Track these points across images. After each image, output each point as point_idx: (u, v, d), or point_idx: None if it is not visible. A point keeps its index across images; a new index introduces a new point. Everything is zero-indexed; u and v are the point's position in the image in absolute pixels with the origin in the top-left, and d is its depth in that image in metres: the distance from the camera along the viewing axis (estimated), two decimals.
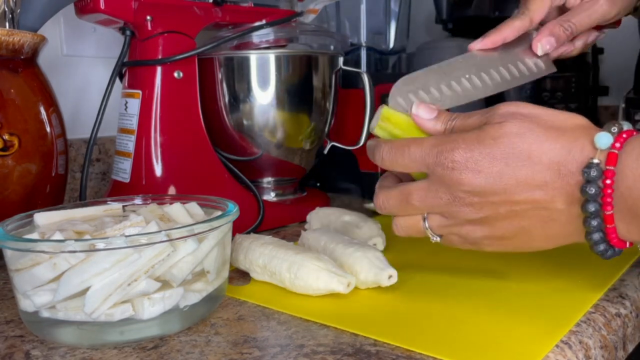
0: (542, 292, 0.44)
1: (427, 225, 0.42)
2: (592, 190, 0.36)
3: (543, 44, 0.51)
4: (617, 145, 0.36)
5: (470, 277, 0.48)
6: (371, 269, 0.45)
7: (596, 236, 0.37)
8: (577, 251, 0.53)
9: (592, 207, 0.36)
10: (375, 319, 0.41)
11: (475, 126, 0.40)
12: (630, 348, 0.43)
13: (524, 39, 0.52)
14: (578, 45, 0.57)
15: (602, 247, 0.38)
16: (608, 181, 0.35)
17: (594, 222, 0.37)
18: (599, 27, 0.56)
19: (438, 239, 0.43)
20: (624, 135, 0.36)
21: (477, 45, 0.51)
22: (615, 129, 0.36)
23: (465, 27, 1.16)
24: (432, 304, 0.43)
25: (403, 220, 0.43)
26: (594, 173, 0.35)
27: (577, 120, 0.39)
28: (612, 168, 0.35)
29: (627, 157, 0.36)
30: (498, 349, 0.35)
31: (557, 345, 0.36)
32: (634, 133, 0.37)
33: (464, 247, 0.42)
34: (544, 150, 0.37)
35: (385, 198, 0.43)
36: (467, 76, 0.48)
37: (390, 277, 0.45)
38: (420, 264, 0.52)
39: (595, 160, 0.36)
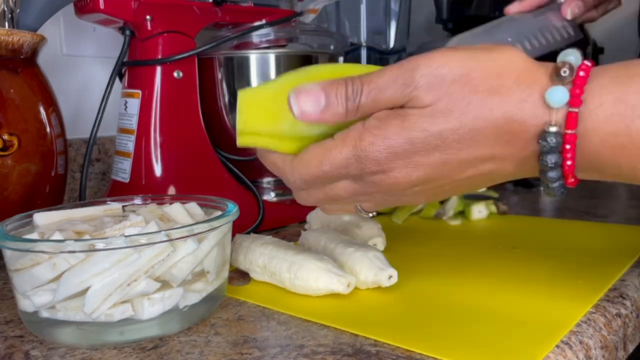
0: (542, 292, 0.44)
1: (359, 208, 0.39)
2: (551, 160, 0.31)
3: (572, 8, 0.53)
4: (575, 98, 0.30)
5: (470, 277, 0.48)
6: (371, 269, 0.45)
7: (553, 177, 0.33)
8: (577, 251, 0.53)
9: (552, 173, 0.32)
10: (375, 319, 0.41)
11: (394, 104, 0.33)
12: (631, 348, 0.43)
13: (553, 6, 0.55)
14: (599, 11, 0.59)
15: (556, 184, 0.33)
16: (568, 146, 0.31)
17: (552, 174, 0.32)
18: None
19: (371, 215, 0.40)
20: (581, 74, 0.31)
21: (514, 7, 0.52)
22: (566, 72, 0.30)
23: (465, 27, 1.15)
24: (432, 304, 0.43)
25: (332, 208, 0.40)
26: (552, 142, 0.31)
27: (514, 64, 0.32)
28: (572, 132, 0.30)
29: (590, 115, 0.30)
30: (498, 349, 0.35)
31: (557, 346, 0.36)
32: (590, 68, 0.31)
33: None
34: (487, 123, 0.32)
35: (307, 197, 0.39)
36: (509, 39, 0.48)
37: (390, 277, 0.45)
38: (421, 264, 0.52)
39: (552, 129, 0.31)
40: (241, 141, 0.38)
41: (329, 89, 0.34)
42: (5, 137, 0.53)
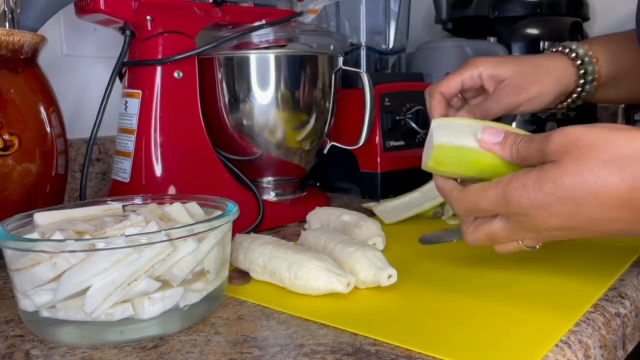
0: (542, 292, 0.44)
1: (523, 245, 0.44)
2: None
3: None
4: None
5: (470, 277, 0.48)
6: (371, 268, 0.45)
7: None
8: (577, 251, 0.53)
9: None
10: (375, 318, 0.41)
11: (535, 156, 0.40)
12: (630, 348, 0.43)
13: None
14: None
15: None
16: None
17: None
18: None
19: (537, 246, 0.44)
20: None
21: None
22: None
23: (465, 27, 1.16)
24: (432, 304, 0.43)
25: (501, 248, 0.45)
26: None
27: (635, 142, 0.37)
28: None
29: None
30: (498, 349, 0.35)
31: (556, 345, 0.36)
32: None
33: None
34: (608, 190, 0.36)
35: (473, 239, 0.44)
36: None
37: (390, 277, 0.45)
38: (420, 263, 0.52)
39: None
40: (428, 168, 0.47)
41: (510, 133, 0.43)
42: (6, 137, 0.53)
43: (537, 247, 0.44)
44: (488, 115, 0.58)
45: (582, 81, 0.60)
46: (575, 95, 0.62)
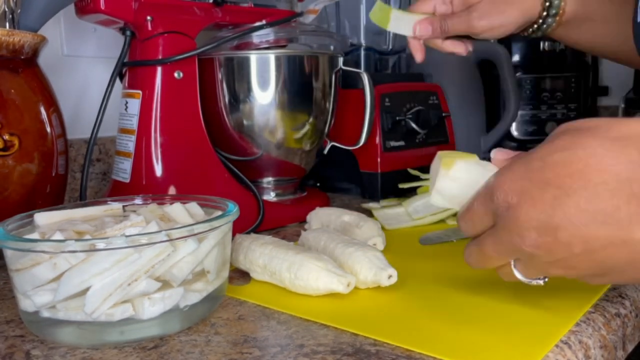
0: (542, 292, 0.44)
1: (516, 272, 0.37)
2: None
3: (420, 28, 0.63)
4: None
5: (470, 277, 0.48)
6: (371, 268, 0.45)
7: None
8: None
9: None
10: (375, 319, 0.41)
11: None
12: (630, 348, 0.43)
13: None
14: (468, 47, 0.67)
15: None
16: None
17: None
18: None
19: (541, 282, 0.37)
20: None
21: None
22: None
23: None
24: (432, 304, 0.43)
25: (500, 271, 0.38)
26: None
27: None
28: None
29: None
30: (498, 349, 0.35)
31: (556, 345, 0.36)
32: None
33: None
34: (605, 167, 0.30)
35: (468, 255, 0.39)
36: None
37: (390, 277, 0.45)
38: (420, 263, 0.52)
39: None
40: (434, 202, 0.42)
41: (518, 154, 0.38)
42: (6, 137, 0.53)
43: (543, 281, 0.37)
44: (448, 32, 0.61)
45: (545, 13, 0.61)
46: (535, 26, 0.62)
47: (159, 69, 0.61)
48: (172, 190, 0.61)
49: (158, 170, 0.60)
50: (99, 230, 0.41)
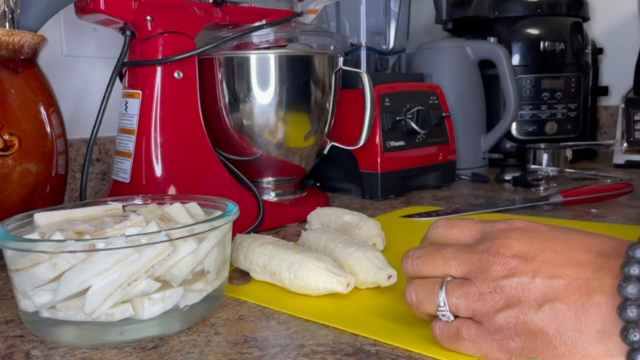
0: None
1: (443, 290, 0.35)
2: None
3: None
4: None
5: None
6: (371, 268, 0.45)
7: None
8: None
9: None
10: (375, 319, 0.41)
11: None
12: None
13: None
14: None
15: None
16: None
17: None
18: None
19: (450, 317, 0.35)
20: None
21: None
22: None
23: (465, 27, 1.16)
24: None
25: (418, 283, 0.37)
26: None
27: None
28: None
29: None
30: None
31: None
32: None
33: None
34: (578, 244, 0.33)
35: (413, 251, 0.38)
36: None
37: (390, 277, 0.45)
38: None
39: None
40: None
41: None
42: (6, 137, 0.53)
43: (449, 317, 0.35)
44: None
45: None
46: None
47: (159, 69, 0.61)
48: (172, 190, 0.61)
49: (158, 170, 0.61)
50: (98, 230, 0.41)
